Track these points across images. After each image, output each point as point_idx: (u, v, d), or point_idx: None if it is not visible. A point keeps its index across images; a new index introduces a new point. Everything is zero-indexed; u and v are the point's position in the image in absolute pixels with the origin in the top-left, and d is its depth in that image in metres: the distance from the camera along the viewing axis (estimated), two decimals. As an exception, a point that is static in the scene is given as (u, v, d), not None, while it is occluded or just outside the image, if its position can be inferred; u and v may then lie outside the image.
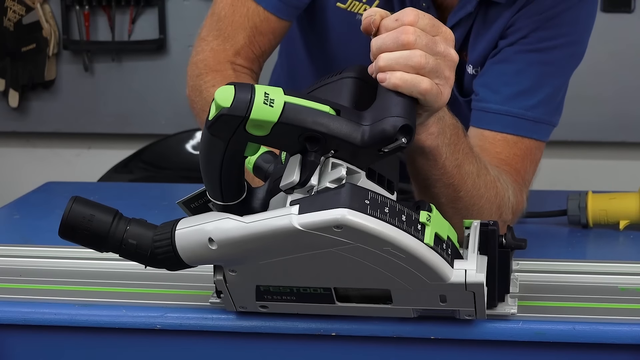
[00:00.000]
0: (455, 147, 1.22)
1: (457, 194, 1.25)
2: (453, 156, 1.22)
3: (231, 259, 1.05)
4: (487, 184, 1.28)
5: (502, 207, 1.31)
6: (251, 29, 1.46)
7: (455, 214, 1.25)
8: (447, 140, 1.20)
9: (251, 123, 0.99)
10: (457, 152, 1.22)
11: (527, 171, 1.43)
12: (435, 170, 1.22)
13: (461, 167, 1.23)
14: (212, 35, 1.48)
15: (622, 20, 2.81)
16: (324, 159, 1.03)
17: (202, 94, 1.45)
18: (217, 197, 1.08)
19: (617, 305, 1.16)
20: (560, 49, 1.44)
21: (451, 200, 1.25)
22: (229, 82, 1.00)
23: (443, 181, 1.23)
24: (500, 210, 1.31)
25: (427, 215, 1.01)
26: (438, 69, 1.07)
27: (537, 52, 1.32)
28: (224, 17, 1.47)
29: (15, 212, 1.68)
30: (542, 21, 1.42)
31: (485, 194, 1.28)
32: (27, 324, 1.19)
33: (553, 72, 1.45)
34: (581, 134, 2.92)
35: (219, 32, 1.47)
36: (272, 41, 1.49)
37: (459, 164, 1.23)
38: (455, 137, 1.21)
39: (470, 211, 1.27)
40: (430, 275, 1.01)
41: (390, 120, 1.02)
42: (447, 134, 1.20)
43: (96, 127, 3.07)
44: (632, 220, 1.48)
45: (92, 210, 1.06)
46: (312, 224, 0.98)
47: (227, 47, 1.46)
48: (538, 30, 1.42)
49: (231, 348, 1.17)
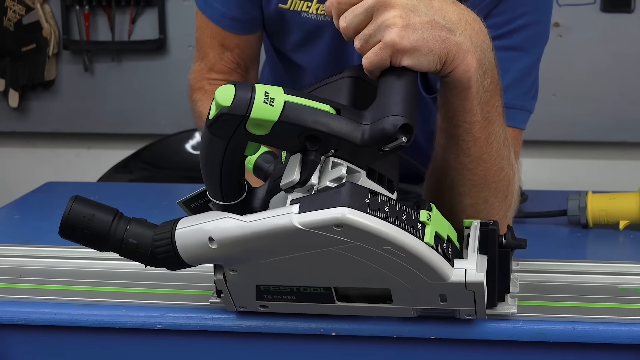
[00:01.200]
0: (490, 97, 1.16)
1: (480, 154, 1.18)
2: (485, 105, 1.16)
3: (231, 258, 1.05)
4: (509, 158, 1.22)
5: (514, 193, 1.25)
6: (218, 46, 1.60)
7: (471, 186, 1.20)
8: (484, 83, 1.15)
9: (251, 122, 0.99)
10: (490, 105, 1.17)
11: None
12: (464, 114, 1.15)
13: (490, 124, 1.17)
14: (195, 57, 1.66)
15: (622, 20, 2.81)
16: (324, 158, 1.03)
17: (194, 108, 1.64)
18: (217, 196, 1.08)
19: (617, 305, 1.16)
20: (519, 32, 1.41)
21: (474, 159, 1.19)
22: (229, 82, 1.00)
23: (472, 133, 1.17)
24: (512, 196, 1.25)
25: (427, 215, 1.01)
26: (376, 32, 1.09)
27: (495, 40, 1.30)
28: (198, 40, 1.63)
29: (15, 212, 1.68)
30: (492, 6, 1.39)
31: (506, 169, 1.22)
32: (27, 324, 1.19)
33: (516, 56, 1.42)
34: (581, 134, 2.92)
35: (198, 54, 1.64)
36: (243, 53, 1.61)
37: (489, 118, 1.17)
38: (493, 87, 1.16)
39: (487, 183, 1.20)
40: (430, 275, 1.01)
41: (391, 119, 1.02)
42: (487, 77, 1.15)
43: (96, 127, 3.07)
44: (632, 220, 1.48)
45: (93, 210, 1.06)
46: (312, 223, 0.98)
47: (203, 65, 1.63)
48: (490, 17, 1.39)
49: (231, 348, 1.17)
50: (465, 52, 1.11)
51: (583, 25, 2.81)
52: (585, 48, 2.82)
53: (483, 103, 1.15)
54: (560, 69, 2.81)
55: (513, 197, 1.26)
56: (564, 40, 2.82)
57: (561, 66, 2.81)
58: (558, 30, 2.81)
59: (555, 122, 2.88)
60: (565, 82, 2.86)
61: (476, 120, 1.16)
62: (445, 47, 1.09)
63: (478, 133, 1.17)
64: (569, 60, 2.83)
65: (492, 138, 1.19)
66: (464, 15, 1.13)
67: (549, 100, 2.85)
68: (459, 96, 1.14)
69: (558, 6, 2.82)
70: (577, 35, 2.82)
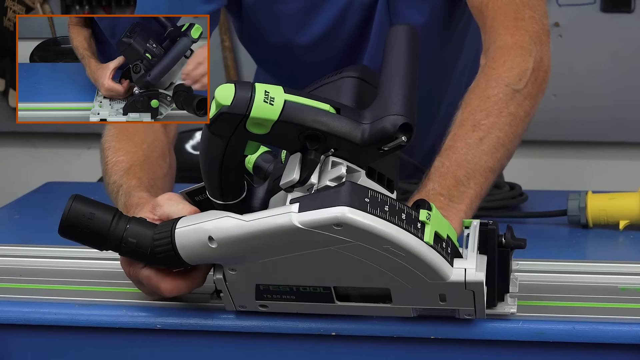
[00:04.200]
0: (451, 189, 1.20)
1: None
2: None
3: (231, 258, 1.05)
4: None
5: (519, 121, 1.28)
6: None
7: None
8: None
9: (251, 121, 0.99)
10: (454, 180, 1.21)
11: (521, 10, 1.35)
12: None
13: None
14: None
15: (622, 20, 2.82)
16: (324, 157, 1.04)
17: None
18: (216, 196, 1.08)
19: (617, 305, 1.16)
20: None
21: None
22: (229, 81, 1.01)
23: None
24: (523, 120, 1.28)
25: (427, 214, 1.01)
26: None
27: None
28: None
29: (15, 212, 1.68)
30: None
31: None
32: (27, 324, 1.19)
33: None
34: (581, 134, 2.93)
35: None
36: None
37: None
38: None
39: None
40: (430, 274, 1.01)
41: (390, 118, 1.02)
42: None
43: (96, 127, 3.06)
44: (632, 220, 1.48)
45: (92, 209, 1.06)
46: (312, 222, 0.98)
47: None
48: None
49: (231, 348, 1.17)
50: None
51: (583, 25, 2.81)
52: (585, 48, 2.82)
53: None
54: (560, 69, 2.80)
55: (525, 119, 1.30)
56: (564, 40, 2.83)
57: (561, 66, 2.81)
58: (558, 30, 2.82)
59: (555, 122, 2.88)
60: (565, 82, 2.86)
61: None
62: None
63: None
64: (569, 60, 2.83)
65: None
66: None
67: (549, 100, 2.85)
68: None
69: (558, 6, 2.82)
70: (577, 35, 2.82)
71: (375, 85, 1.09)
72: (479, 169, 1.21)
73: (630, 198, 1.49)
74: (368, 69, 1.15)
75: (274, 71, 1.73)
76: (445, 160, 1.21)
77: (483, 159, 1.22)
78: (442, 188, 1.19)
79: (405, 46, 1.10)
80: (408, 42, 1.11)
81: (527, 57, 1.31)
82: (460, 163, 1.21)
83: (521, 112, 1.27)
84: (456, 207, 1.18)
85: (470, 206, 1.20)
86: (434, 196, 1.18)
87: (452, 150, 1.22)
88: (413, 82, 1.07)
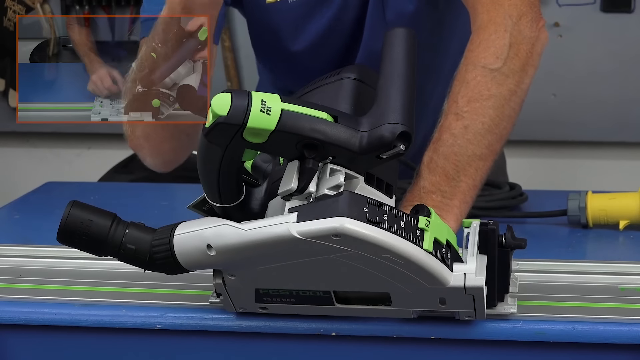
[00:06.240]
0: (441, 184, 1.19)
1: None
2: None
3: (230, 265, 1.05)
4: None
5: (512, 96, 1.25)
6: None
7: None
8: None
9: (248, 131, 0.98)
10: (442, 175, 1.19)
11: None
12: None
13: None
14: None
15: (622, 20, 2.82)
16: (322, 165, 1.03)
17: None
18: (215, 200, 1.07)
19: (617, 305, 1.16)
20: None
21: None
22: (225, 90, 1.00)
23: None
24: (517, 96, 1.25)
25: (425, 221, 1.01)
26: None
27: None
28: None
29: (15, 212, 1.67)
30: None
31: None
32: (27, 324, 1.19)
33: None
34: (581, 134, 2.93)
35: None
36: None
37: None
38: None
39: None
40: (430, 280, 1.01)
41: (389, 127, 1.01)
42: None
43: (96, 127, 3.06)
44: (632, 220, 1.48)
45: (90, 215, 1.06)
46: (310, 233, 0.97)
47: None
48: None
49: (231, 348, 1.17)
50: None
51: (583, 25, 2.81)
52: (585, 48, 2.82)
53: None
54: (560, 69, 2.81)
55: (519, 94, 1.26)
56: (564, 40, 2.82)
57: (561, 66, 2.81)
58: (558, 30, 2.81)
59: (555, 122, 2.88)
60: (565, 82, 2.86)
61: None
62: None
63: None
64: (569, 60, 2.83)
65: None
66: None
67: (549, 100, 2.85)
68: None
69: (558, 6, 2.82)
70: (577, 35, 2.82)
71: (373, 86, 1.08)
72: (467, 160, 1.19)
73: (630, 198, 1.48)
74: (366, 69, 1.14)
75: (273, 72, 1.73)
76: (433, 154, 1.19)
77: (470, 149, 1.19)
78: (432, 185, 1.17)
79: (403, 52, 1.09)
80: (406, 48, 1.10)
81: (502, 33, 1.26)
82: (447, 156, 1.18)
83: (504, 91, 1.23)
84: (449, 203, 1.16)
85: (464, 199, 1.18)
86: (426, 195, 1.16)
87: (439, 142, 1.20)
88: (411, 89, 1.06)
